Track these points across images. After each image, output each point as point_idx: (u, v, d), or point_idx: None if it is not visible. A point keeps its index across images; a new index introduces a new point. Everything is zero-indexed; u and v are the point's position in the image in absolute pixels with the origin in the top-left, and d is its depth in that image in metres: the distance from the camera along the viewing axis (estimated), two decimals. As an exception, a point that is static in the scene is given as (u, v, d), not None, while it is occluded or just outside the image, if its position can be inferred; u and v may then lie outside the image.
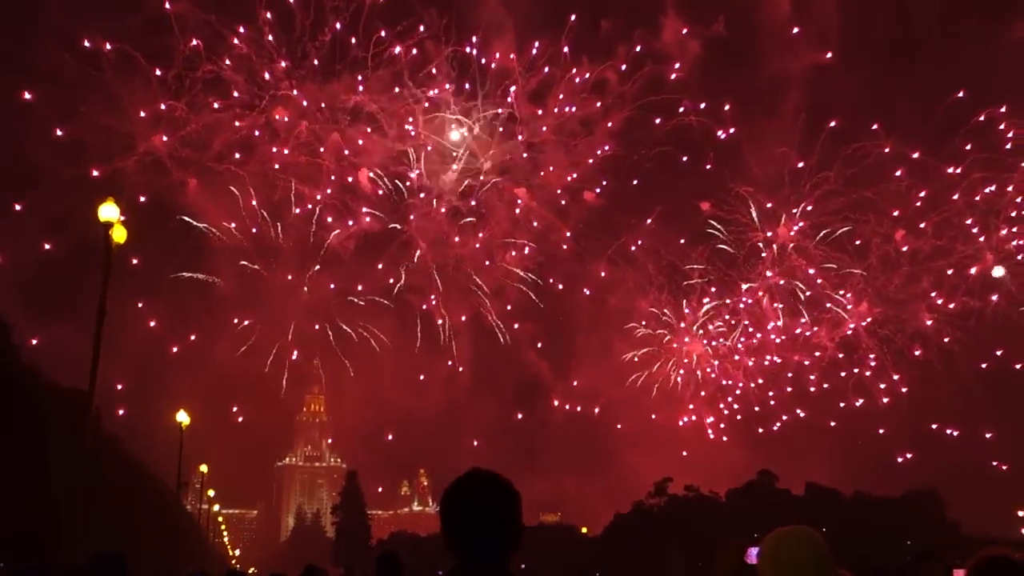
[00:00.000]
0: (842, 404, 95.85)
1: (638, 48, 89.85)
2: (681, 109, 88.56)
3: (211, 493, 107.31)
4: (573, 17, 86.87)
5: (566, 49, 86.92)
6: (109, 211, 26.78)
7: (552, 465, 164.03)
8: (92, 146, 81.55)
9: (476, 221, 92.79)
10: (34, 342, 64.44)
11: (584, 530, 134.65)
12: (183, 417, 57.06)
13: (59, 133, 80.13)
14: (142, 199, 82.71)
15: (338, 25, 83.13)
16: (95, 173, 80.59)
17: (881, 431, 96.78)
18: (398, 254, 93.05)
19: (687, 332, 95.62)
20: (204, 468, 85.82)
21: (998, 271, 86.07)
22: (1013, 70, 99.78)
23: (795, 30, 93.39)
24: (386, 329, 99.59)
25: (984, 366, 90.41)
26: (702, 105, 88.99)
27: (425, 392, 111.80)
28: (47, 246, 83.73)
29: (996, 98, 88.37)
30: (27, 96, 79.11)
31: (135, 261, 79.04)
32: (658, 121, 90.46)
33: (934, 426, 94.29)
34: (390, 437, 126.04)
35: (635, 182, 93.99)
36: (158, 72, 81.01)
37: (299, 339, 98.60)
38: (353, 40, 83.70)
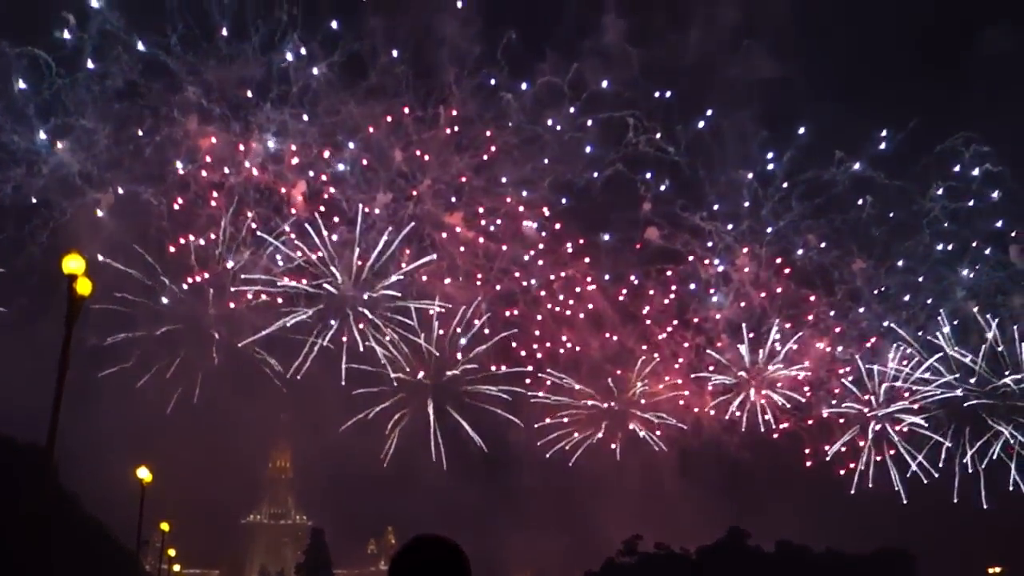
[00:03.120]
0: (808, 451, 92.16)
1: (576, 66, 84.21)
2: (631, 122, 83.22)
3: (172, 553, 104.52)
4: (513, 35, 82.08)
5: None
6: (74, 263, 26.54)
7: (523, 521, 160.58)
8: None
9: (415, 252, 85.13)
10: None
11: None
12: (144, 474, 55.77)
13: None
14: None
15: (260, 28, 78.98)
16: None
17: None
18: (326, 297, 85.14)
19: (644, 375, 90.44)
20: (165, 526, 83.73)
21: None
22: (982, 89, 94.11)
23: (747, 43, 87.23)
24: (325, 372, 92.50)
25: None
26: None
27: (385, 448, 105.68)
28: None
29: (962, 122, 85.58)
30: None
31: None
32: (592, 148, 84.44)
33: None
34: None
35: (581, 207, 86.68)
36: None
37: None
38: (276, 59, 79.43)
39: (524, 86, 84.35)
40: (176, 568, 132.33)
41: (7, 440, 47.40)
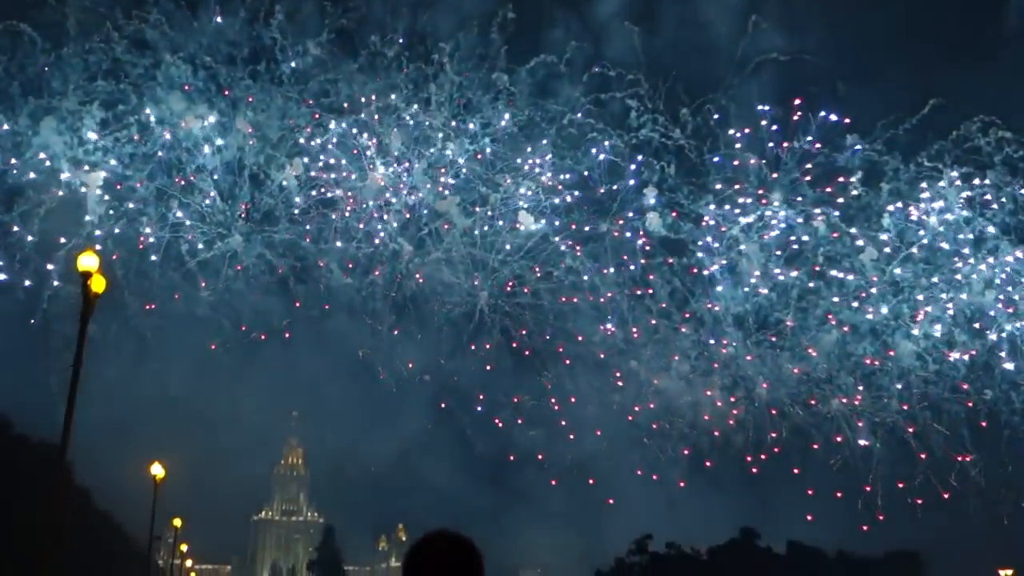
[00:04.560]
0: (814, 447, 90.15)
1: (574, 44, 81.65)
2: (634, 104, 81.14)
3: (184, 548, 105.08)
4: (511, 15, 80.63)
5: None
6: (88, 261, 26.66)
7: (533, 519, 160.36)
8: None
9: (413, 242, 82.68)
10: None
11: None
12: (157, 470, 56.03)
13: None
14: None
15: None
16: None
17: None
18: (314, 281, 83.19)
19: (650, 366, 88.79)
20: (177, 522, 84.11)
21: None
22: (1004, 70, 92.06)
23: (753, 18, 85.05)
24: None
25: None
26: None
27: (399, 443, 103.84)
28: None
29: (981, 105, 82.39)
30: None
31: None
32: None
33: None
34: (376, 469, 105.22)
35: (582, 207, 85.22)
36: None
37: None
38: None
39: (522, 67, 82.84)
40: (188, 563, 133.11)
41: (21, 438, 47.72)
